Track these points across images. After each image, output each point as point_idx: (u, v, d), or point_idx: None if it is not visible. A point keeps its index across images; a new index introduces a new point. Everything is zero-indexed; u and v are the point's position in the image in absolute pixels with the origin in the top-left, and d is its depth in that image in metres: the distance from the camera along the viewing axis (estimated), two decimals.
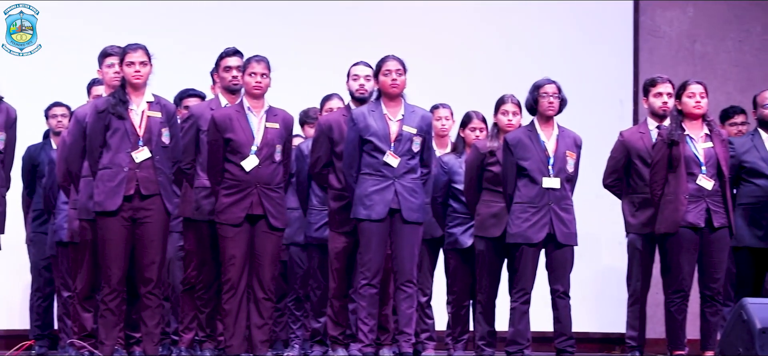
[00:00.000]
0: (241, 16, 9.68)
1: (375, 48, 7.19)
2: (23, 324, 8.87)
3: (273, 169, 6.89)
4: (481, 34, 10.06)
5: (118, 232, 6.63)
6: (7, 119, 6.74)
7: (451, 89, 8.89)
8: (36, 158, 8.50)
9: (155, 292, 6.73)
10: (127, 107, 6.68)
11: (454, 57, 9.91)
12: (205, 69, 7.71)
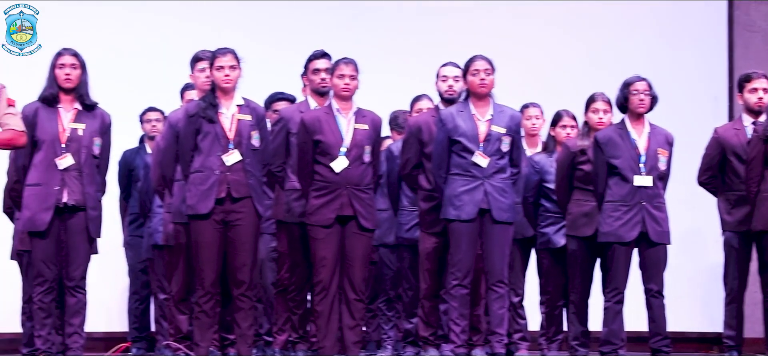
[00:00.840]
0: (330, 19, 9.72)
1: (463, 48, 7.16)
2: (121, 327, 9.00)
3: (362, 170, 6.90)
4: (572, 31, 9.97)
5: (211, 235, 6.70)
6: (102, 125, 6.85)
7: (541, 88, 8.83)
8: (131, 163, 8.62)
9: (248, 294, 6.78)
10: (217, 111, 6.74)
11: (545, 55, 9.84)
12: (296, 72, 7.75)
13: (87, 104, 6.78)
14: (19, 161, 6.86)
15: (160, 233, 7.69)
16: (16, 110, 6.26)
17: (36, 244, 6.71)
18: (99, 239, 7.12)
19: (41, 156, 6.70)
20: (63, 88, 6.73)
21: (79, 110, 6.77)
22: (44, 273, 6.69)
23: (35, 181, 6.69)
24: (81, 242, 6.76)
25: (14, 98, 6.25)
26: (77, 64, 6.75)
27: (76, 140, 6.72)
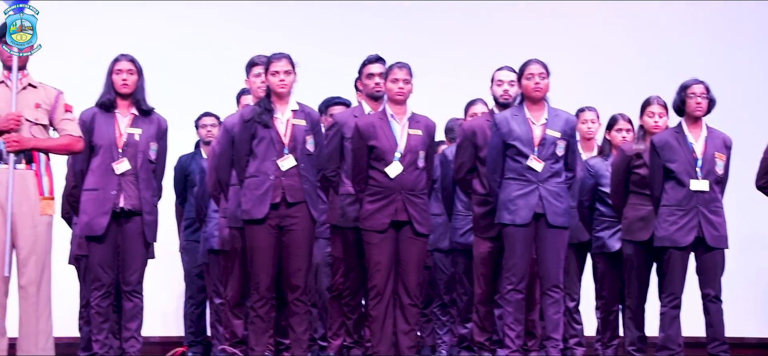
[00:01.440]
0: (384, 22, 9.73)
1: (518, 51, 7.13)
2: (177, 331, 9.07)
3: (417, 175, 6.90)
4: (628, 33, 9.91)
5: (266, 239, 6.72)
6: (158, 130, 6.90)
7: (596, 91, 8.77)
8: (187, 168, 8.67)
9: (303, 299, 6.79)
10: (273, 116, 6.76)
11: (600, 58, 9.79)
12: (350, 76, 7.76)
13: (143, 109, 6.84)
14: (76, 167, 6.93)
15: (215, 237, 7.73)
16: (73, 115, 6.34)
17: (93, 249, 6.77)
18: (155, 244, 7.17)
19: (98, 161, 6.76)
20: (120, 93, 6.79)
21: (136, 115, 6.83)
22: (101, 277, 6.75)
23: (92, 186, 6.75)
24: (137, 247, 6.81)
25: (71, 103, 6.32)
26: (134, 69, 6.80)
27: (133, 145, 6.77)
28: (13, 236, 6.07)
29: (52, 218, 6.22)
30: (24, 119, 6.14)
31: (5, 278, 6.06)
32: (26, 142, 6.12)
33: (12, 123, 6.08)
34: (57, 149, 6.29)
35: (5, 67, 6.24)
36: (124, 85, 6.77)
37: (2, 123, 6.09)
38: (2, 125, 6.08)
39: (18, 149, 6.09)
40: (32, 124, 6.19)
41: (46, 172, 6.22)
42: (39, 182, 6.17)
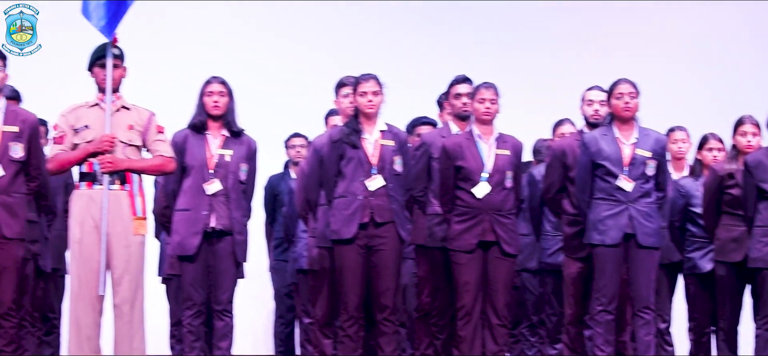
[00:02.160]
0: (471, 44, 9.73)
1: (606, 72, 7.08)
2: (267, 350, 9.14)
3: (504, 195, 6.88)
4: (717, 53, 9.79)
5: (355, 259, 6.74)
6: (248, 151, 6.97)
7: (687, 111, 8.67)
8: (276, 188, 8.75)
9: (391, 318, 6.80)
10: (361, 136, 6.80)
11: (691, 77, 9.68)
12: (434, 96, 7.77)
13: (234, 130, 6.91)
14: (168, 187, 7.02)
15: (304, 257, 7.78)
16: (165, 136, 6.44)
17: (185, 268, 6.85)
18: (245, 264, 7.23)
19: (190, 182, 6.84)
20: (211, 115, 6.87)
21: (227, 136, 6.90)
22: (193, 296, 6.82)
23: (184, 206, 6.83)
24: (228, 267, 6.87)
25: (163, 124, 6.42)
26: (225, 91, 6.88)
27: (224, 166, 6.84)
28: (108, 255, 6.18)
29: (145, 237, 6.32)
30: (118, 140, 6.26)
31: (100, 297, 6.17)
32: (120, 163, 6.24)
33: (106, 145, 6.20)
34: (150, 170, 6.41)
35: (99, 90, 6.36)
36: (216, 107, 6.85)
37: (97, 145, 6.21)
38: (97, 147, 6.21)
39: (112, 170, 6.21)
40: (126, 145, 6.30)
41: (139, 192, 6.33)
42: (132, 203, 6.28)
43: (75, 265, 6.25)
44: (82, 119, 6.30)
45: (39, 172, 6.50)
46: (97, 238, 6.17)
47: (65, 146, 6.30)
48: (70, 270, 6.33)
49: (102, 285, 6.16)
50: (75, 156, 6.27)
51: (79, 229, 6.23)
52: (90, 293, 6.16)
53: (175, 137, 6.81)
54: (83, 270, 6.18)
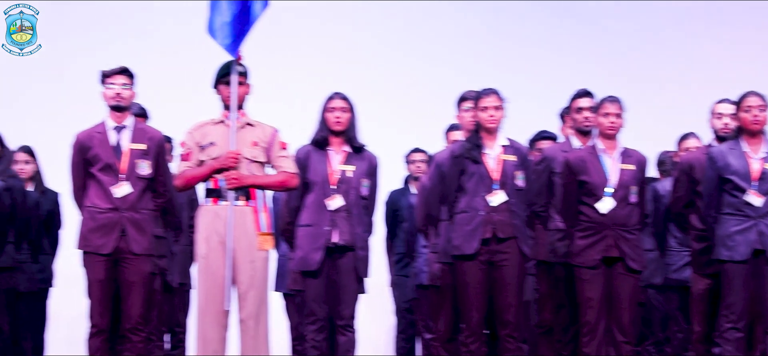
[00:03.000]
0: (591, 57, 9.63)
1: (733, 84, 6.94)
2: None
3: (629, 210, 6.78)
4: None
5: (476, 275, 6.71)
6: (370, 166, 6.99)
7: None
8: (397, 203, 8.76)
9: (514, 335, 6.75)
10: (482, 152, 6.77)
11: None
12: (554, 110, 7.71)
13: (356, 146, 6.94)
14: (291, 203, 7.08)
15: (425, 273, 7.77)
16: (288, 152, 6.50)
17: (308, 283, 6.90)
18: (367, 279, 7.26)
19: (312, 198, 6.88)
20: (333, 130, 6.91)
21: (349, 152, 6.93)
22: (316, 311, 6.86)
23: (307, 222, 6.88)
24: (350, 282, 6.90)
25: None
26: (347, 107, 6.92)
27: (346, 181, 6.88)
28: (233, 271, 6.26)
29: (269, 253, 6.39)
30: (242, 156, 6.33)
31: (225, 312, 6.25)
32: (245, 179, 6.31)
33: (231, 161, 6.28)
34: (274, 186, 6.47)
35: (224, 107, 6.45)
36: (338, 123, 6.89)
37: (222, 161, 6.30)
38: (222, 163, 6.29)
39: (237, 186, 6.28)
40: (250, 161, 6.38)
41: (263, 208, 6.39)
42: (256, 218, 6.35)
43: (201, 280, 6.33)
44: (207, 135, 6.40)
45: (166, 188, 6.63)
46: (222, 253, 6.25)
47: (191, 163, 6.39)
48: (196, 285, 6.42)
49: (227, 300, 6.23)
50: (201, 172, 6.37)
51: (205, 245, 6.31)
52: (216, 308, 6.24)
53: (298, 153, 6.87)
54: (209, 285, 6.27)
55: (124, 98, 6.49)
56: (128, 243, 6.40)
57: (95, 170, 6.46)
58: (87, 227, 6.45)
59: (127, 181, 6.44)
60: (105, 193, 6.43)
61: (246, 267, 6.26)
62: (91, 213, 6.46)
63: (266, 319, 6.32)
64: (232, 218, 6.25)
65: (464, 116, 7.18)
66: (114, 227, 6.40)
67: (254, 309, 6.26)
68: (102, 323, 6.42)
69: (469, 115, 7.05)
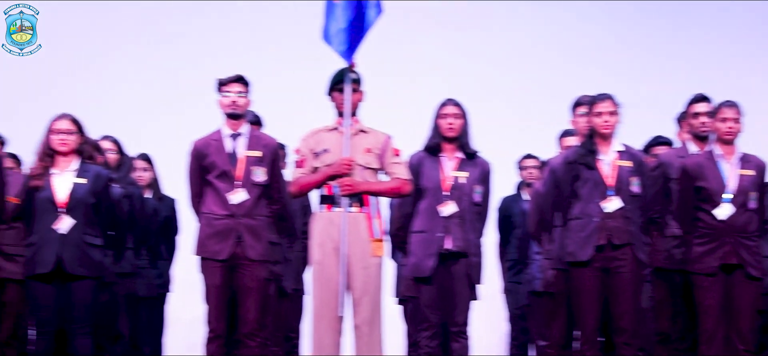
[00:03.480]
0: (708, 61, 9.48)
1: None
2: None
3: (748, 217, 6.65)
4: None
5: (591, 282, 6.64)
6: (482, 173, 6.97)
7: None
8: (509, 209, 8.72)
9: (630, 342, 6.65)
10: (597, 157, 6.70)
11: None
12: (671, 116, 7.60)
13: (469, 152, 6.93)
14: (404, 209, 7.10)
15: (538, 279, 7.73)
16: (401, 159, 6.52)
17: (421, 289, 6.90)
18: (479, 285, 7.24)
19: (425, 204, 6.89)
20: (446, 137, 6.91)
21: (461, 158, 6.93)
22: (429, 318, 6.86)
23: (420, 228, 6.89)
24: (463, 288, 6.89)
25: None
26: (459, 113, 6.91)
27: (459, 188, 6.87)
28: (347, 277, 6.30)
29: (383, 259, 6.41)
30: (356, 163, 6.37)
31: (340, 318, 6.29)
32: (358, 185, 6.35)
33: (345, 168, 6.33)
34: (387, 192, 6.50)
35: (338, 114, 6.49)
36: (450, 129, 6.89)
37: (336, 168, 6.35)
38: (336, 170, 6.35)
39: (351, 193, 6.32)
40: (363, 168, 6.42)
41: (376, 214, 6.43)
42: (370, 225, 6.38)
43: (315, 286, 6.39)
44: (321, 142, 6.45)
45: (280, 195, 6.70)
46: (336, 260, 6.30)
47: (306, 170, 6.46)
48: (311, 291, 6.48)
49: (342, 305, 6.27)
50: (315, 179, 6.43)
51: (319, 251, 6.36)
52: (330, 313, 6.29)
53: (411, 160, 6.88)
54: (323, 291, 6.32)
55: (240, 106, 6.58)
56: (244, 249, 6.48)
57: (212, 177, 6.55)
58: (204, 234, 6.55)
59: (242, 188, 6.52)
60: (221, 200, 6.52)
61: (360, 273, 6.30)
62: (207, 220, 6.55)
63: (380, 325, 6.35)
64: (346, 225, 6.29)
65: (578, 121, 7.12)
66: (230, 234, 6.48)
67: (368, 314, 6.29)
68: (219, 328, 6.51)
69: (584, 120, 6.99)
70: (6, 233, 7.10)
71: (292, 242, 7.71)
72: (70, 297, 6.46)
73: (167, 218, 8.30)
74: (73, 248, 6.45)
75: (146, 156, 8.19)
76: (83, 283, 6.47)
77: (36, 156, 6.59)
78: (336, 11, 6.44)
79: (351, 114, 6.43)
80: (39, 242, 6.47)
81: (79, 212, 6.48)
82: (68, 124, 6.57)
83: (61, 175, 6.54)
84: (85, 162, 6.60)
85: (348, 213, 6.31)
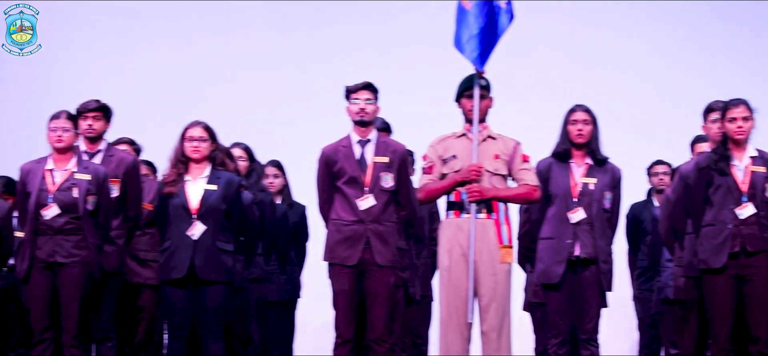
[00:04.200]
0: None
1: None
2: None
3: None
4: None
5: (724, 290, 6.52)
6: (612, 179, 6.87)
7: None
8: (639, 216, 8.61)
9: (765, 351, 6.51)
10: (730, 163, 6.58)
11: None
12: None
13: (598, 158, 6.86)
14: (531, 215, 7.06)
15: (670, 287, 7.60)
16: (530, 165, 6.49)
17: (550, 296, 6.86)
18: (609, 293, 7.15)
19: (554, 210, 6.84)
20: (575, 143, 6.85)
21: (591, 164, 6.86)
22: (558, 325, 6.81)
23: (548, 234, 6.84)
24: (593, 295, 6.81)
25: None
26: (589, 119, 6.84)
27: (588, 194, 6.80)
28: (475, 283, 6.29)
29: (511, 266, 6.39)
30: (484, 169, 6.36)
31: (468, 324, 6.28)
32: (487, 192, 6.34)
33: (473, 174, 6.32)
34: (515, 199, 6.47)
35: (467, 120, 6.49)
36: (580, 136, 6.83)
37: (464, 174, 6.35)
38: (464, 176, 6.35)
39: (479, 199, 6.31)
40: (492, 174, 6.40)
41: (505, 221, 6.41)
42: (498, 231, 6.36)
43: (444, 292, 6.39)
44: (450, 149, 6.46)
45: (408, 201, 6.72)
46: (465, 266, 6.29)
47: (434, 176, 6.47)
48: (439, 297, 6.48)
49: (470, 312, 6.27)
50: (443, 185, 6.43)
51: (448, 257, 6.37)
52: (458, 320, 6.29)
53: (539, 166, 6.84)
54: (452, 298, 6.32)
55: (368, 113, 6.62)
56: (373, 255, 6.52)
57: (340, 184, 6.61)
58: (333, 240, 6.61)
59: (371, 194, 6.56)
60: (350, 206, 6.57)
61: (488, 279, 6.29)
62: (336, 226, 6.61)
63: (509, 332, 6.32)
64: (474, 231, 6.28)
65: (711, 127, 7.00)
66: (359, 239, 6.53)
67: (497, 321, 6.27)
68: (347, 333, 6.56)
69: (716, 126, 6.86)
70: (140, 239, 7.27)
71: (420, 248, 7.73)
72: (203, 302, 6.58)
73: (297, 225, 8.39)
74: (206, 254, 6.56)
75: (277, 163, 8.29)
76: (215, 288, 6.58)
77: (169, 163, 6.72)
78: (468, 18, 6.45)
79: (479, 120, 6.42)
80: (172, 248, 6.60)
81: (210, 218, 6.60)
82: (201, 131, 6.69)
83: (193, 182, 6.67)
84: (216, 169, 6.72)
85: (476, 219, 6.31)
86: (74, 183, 6.59)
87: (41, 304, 6.56)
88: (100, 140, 7.04)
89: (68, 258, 6.53)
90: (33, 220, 6.55)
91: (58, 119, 6.61)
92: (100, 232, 6.67)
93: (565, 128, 6.88)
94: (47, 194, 6.57)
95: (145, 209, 7.20)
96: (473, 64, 6.44)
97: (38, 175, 6.62)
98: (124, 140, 7.49)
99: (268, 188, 7.98)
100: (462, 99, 6.50)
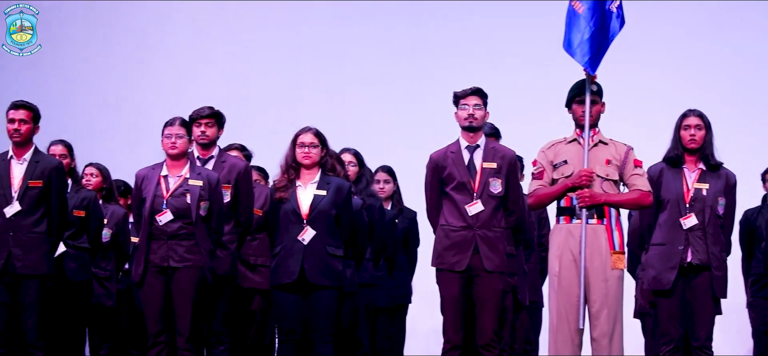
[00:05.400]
0: None
1: None
2: None
3: None
4: None
5: None
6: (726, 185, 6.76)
7: None
8: (754, 222, 8.46)
9: None
10: None
11: None
12: None
13: (712, 163, 6.75)
14: (643, 221, 6.98)
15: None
16: (642, 170, 6.42)
17: (661, 303, 6.76)
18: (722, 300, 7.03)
19: (665, 216, 6.75)
20: (688, 148, 6.75)
21: (704, 169, 6.75)
22: (670, 331, 6.71)
23: (660, 240, 6.75)
24: (706, 302, 6.71)
25: None
26: (701, 124, 6.73)
27: (700, 199, 6.70)
28: (586, 289, 6.24)
29: (623, 272, 6.32)
30: (596, 175, 6.31)
31: (579, 330, 6.23)
32: (598, 197, 6.29)
33: (584, 179, 6.28)
34: (627, 204, 6.41)
35: (577, 126, 6.45)
36: (692, 141, 6.73)
37: (575, 179, 6.31)
38: (575, 181, 6.30)
39: (590, 205, 6.26)
40: (603, 180, 6.35)
41: (616, 226, 6.35)
42: (610, 237, 6.31)
43: (554, 298, 6.35)
44: (560, 154, 6.42)
45: (517, 206, 6.69)
46: (575, 272, 6.25)
47: (544, 181, 6.43)
48: (549, 303, 6.45)
49: (581, 318, 6.22)
50: (554, 191, 6.40)
51: (558, 263, 6.33)
52: (569, 326, 6.25)
53: (651, 171, 6.75)
54: (562, 304, 6.28)
55: (477, 119, 6.61)
56: (481, 261, 6.51)
57: (449, 189, 6.61)
58: (442, 245, 6.61)
59: (479, 199, 6.55)
60: (459, 211, 6.56)
61: (599, 285, 6.23)
62: (445, 231, 6.61)
63: (620, 338, 6.26)
64: (585, 237, 6.23)
65: None
66: (467, 245, 6.52)
67: (608, 328, 6.22)
68: (456, 339, 6.55)
69: None
70: (250, 244, 7.36)
71: (529, 253, 7.68)
72: (313, 306, 6.64)
73: (407, 230, 8.41)
74: (316, 259, 6.62)
75: (388, 168, 8.32)
76: (325, 293, 6.64)
77: (281, 169, 6.80)
78: (579, 21, 6.40)
79: (591, 126, 6.37)
80: (283, 253, 6.67)
81: (320, 223, 6.65)
82: (312, 137, 6.76)
83: (304, 187, 6.73)
84: (326, 174, 6.78)
85: (587, 225, 6.25)
86: (187, 189, 6.70)
87: (156, 308, 6.67)
88: (213, 146, 7.15)
89: (181, 263, 6.63)
90: (147, 225, 6.67)
91: (173, 125, 6.72)
92: (213, 237, 6.76)
93: (678, 133, 6.78)
94: (161, 200, 6.68)
95: (256, 215, 7.28)
96: (584, 68, 6.39)
97: (153, 181, 6.73)
98: (235, 146, 7.59)
99: (378, 194, 8.00)
100: (573, 104, 6.46)
